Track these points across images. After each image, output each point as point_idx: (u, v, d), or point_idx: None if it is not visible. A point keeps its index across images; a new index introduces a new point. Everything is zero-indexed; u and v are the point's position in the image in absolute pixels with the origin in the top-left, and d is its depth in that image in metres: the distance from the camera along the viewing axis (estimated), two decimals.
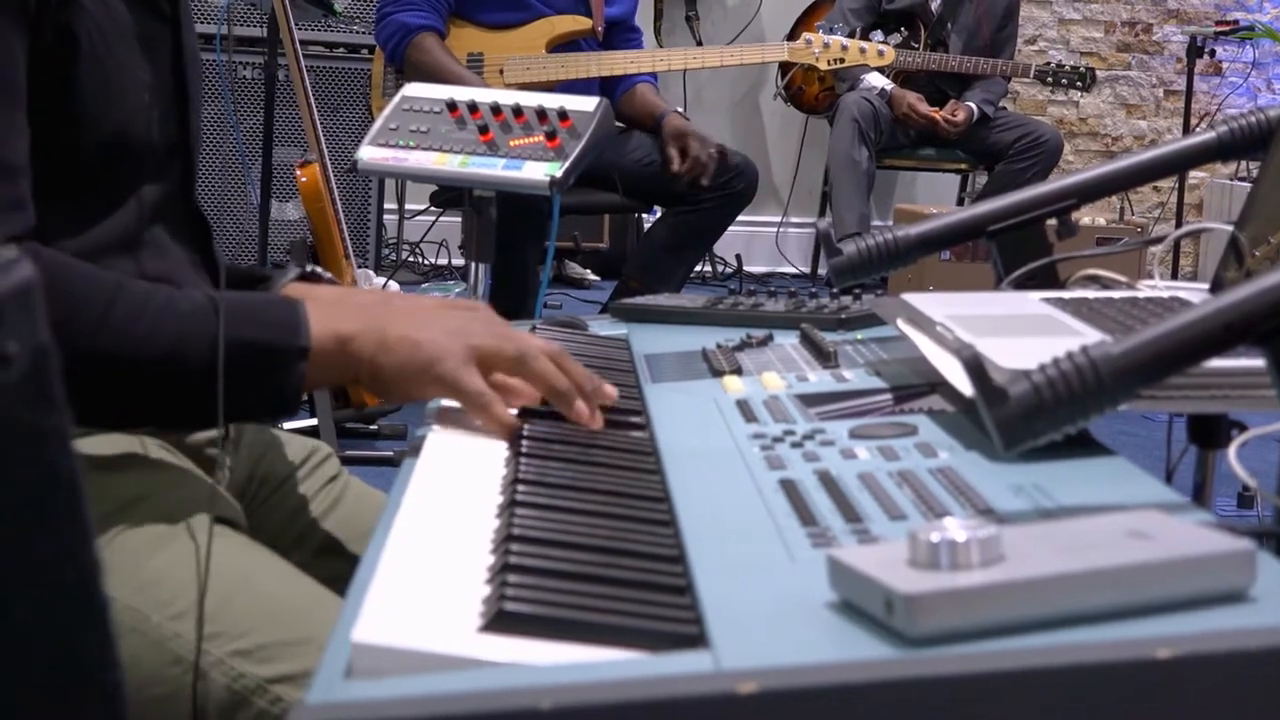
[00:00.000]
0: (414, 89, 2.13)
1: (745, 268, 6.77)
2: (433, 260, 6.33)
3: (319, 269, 1.49)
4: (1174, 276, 6.45)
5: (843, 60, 4.68)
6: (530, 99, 2.08)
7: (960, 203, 6.71)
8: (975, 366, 0.91)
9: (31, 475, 0.60)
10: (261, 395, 1.21)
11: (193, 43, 1.43)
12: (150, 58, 1.34)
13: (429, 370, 1.20)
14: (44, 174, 1.21)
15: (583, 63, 4.48)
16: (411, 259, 6.30)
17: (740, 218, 4.61)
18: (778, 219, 7.18)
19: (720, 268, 6.82)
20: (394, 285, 4.65)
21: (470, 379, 1.19)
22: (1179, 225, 6.69)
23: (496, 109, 2.07)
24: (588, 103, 2.08)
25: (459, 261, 6.14)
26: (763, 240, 7.14)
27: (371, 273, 4.62)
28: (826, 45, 4.63)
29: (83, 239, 1.26)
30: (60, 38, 1.23)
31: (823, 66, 4.70)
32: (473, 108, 2.08)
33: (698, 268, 5.93)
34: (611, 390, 1.22)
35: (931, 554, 0.75)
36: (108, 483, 1.26)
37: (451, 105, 2.08)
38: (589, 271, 6.69)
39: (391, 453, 3.65)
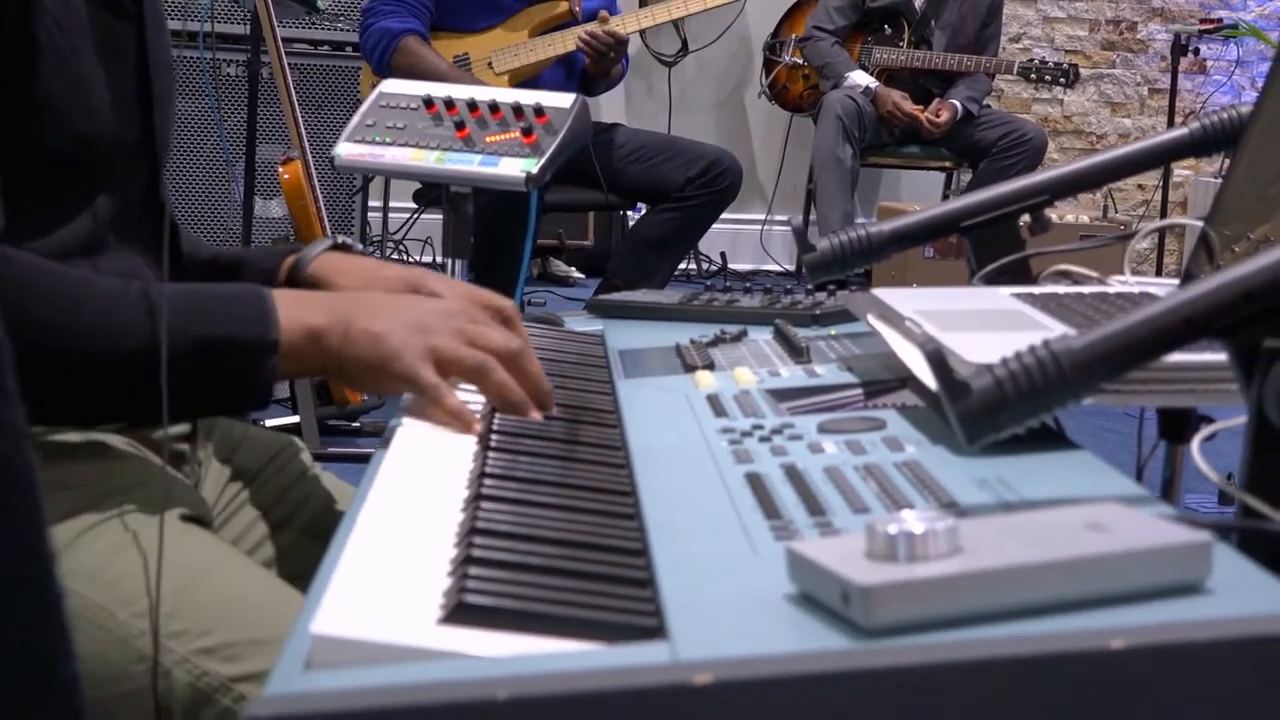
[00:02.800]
0: (391, 85, 2.13)
1: (730, 265, 6.78)
2: (417, 257, 6.33)
3: (348, 239, 1.49)
4: (1158, 272, 6.46)
5: None
6: (506, 95, 2.08)
7: (945, 200, 6.71)
8: (938, 360, 0.91)
9: None
10: (233, 389, 1.21)
11: (162, 41, 1.42)
12: (112, 57, 1.32)
13: (386, 366, 1.20)
14: (5, 176, 1.20)
15: (568, 36, 4.49)
16: (395, 256, 6.30)
17: (725, 215, 4.63)
18: (762, 217, 7.19)
19: (705, 265, 6.83)
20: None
21: (425, 373, 1.19)
22: (1163, 217, 6.70)
23: (473, 105, 2.07)
24: (564, 99, 2.09)
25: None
26: (747, 238, 7.14)
27: None
28: None
29: (45, 242, 1.25)
30: (20, 38, 1.22)
31: None
32: (449, 104, 2.08)
33: (682, 265, 5.94)
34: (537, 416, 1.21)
35: (889, 546, 0.75)
36: (75, 470, 1.26)
37: (428, 101, 2.09)
38: (574, 269, 6.69)
39: (373, 450, 3.64)
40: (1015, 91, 7.46)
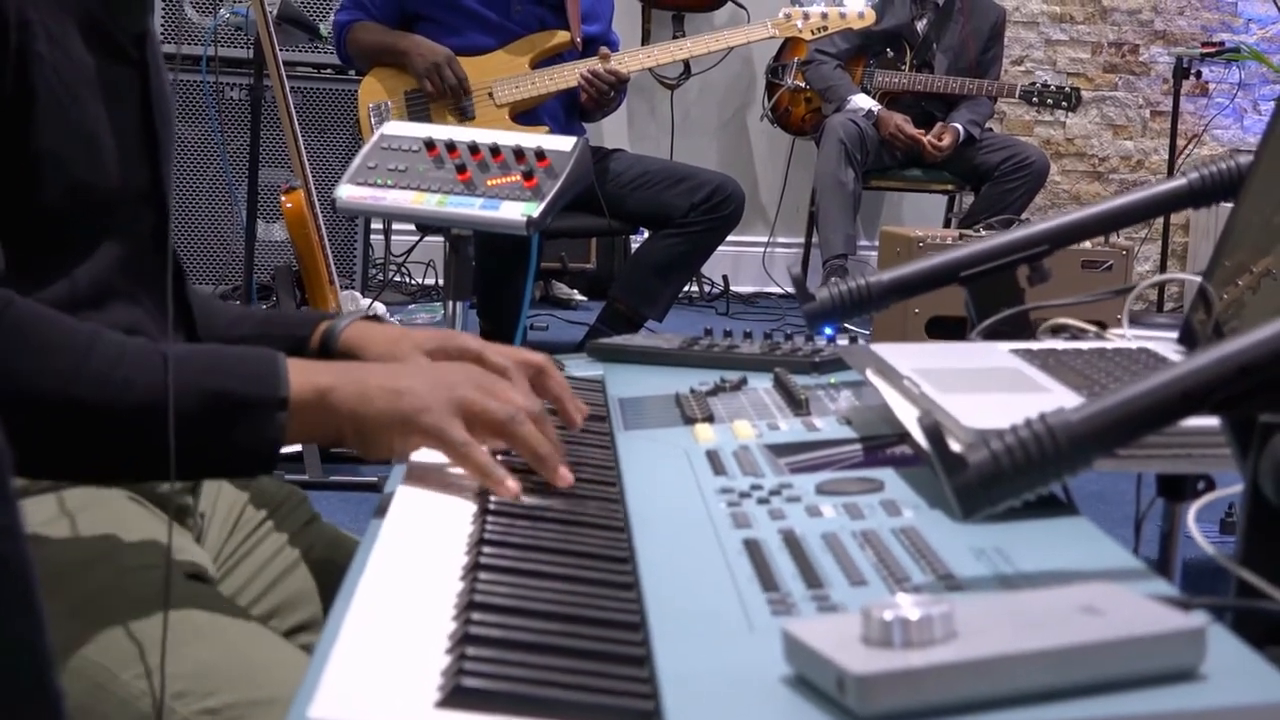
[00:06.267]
0: (392, 128, 2.14)
1: (732, 288, 6.79)
2: (419, 280, 6.33)
3: (379, 314, 1.49)
4: (1159, 308, 6.43)
5: (825, 29, 4.77)
6: (508, 138, 2.09)
7: (947, 224, 6.72)
8: (935, 435, 0.92)
9: None
10: (240, 448, 1.19)
11: (163, 85, 1.41)
12: (116, 104, 1.32)
13: (412, 420, 1.18)
14: (7, 227, 1.20)
15: (568, 71, 4.49)
16: (398, 279, 6.31)
17: (727, 238, 4.64)
18: (764, 239, 7.19)
19: (707, 288, 6.84)
20: (380, 306, 4.64)
21: (454, 429, 1.17)
22: (1164, 247, 6.70)
23: (474, 148, 2.08)
24: (565, 142, 2.09)
25: None
26: (750, 260, 7.15)
27: (358, 294, 4.62)
28: (807, 17, 4.71)
29: (49, 291, 1.24)
30: (17, 89, 1.22)
31: (807, 37, 4.82)
32: (450, 147, 2.08)
33: (685, 288, 5.94)
34: (569, 477, 1.19)
35: (884, 632, 0.75)
36: (76, 527, 1.26)
37: (429, 144, 2.09)
38: (576, 292, 6.70)
39: (375, 478, 3.64)
40: (1017, 114, 7.47)
